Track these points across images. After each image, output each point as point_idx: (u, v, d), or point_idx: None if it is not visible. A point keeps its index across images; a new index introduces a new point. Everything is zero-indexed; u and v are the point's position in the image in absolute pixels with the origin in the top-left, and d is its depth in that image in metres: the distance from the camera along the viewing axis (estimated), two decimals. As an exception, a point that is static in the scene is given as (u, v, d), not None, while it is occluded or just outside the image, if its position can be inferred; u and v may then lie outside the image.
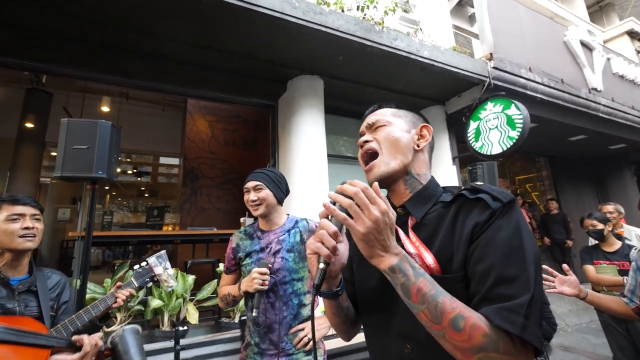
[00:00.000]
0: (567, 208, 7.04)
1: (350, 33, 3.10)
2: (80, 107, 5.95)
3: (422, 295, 0.59)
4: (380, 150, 0.81)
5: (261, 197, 1.56)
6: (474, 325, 0.56)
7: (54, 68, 3.10)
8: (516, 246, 0.62)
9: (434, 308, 0.58)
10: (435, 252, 0.71)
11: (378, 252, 0.61)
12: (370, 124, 0.87)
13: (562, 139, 6.16)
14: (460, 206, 0.73)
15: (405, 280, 0.60)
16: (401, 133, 0.83)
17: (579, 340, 4.23)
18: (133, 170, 10.68)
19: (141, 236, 3.61)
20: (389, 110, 0.88)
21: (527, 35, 5.02)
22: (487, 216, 0.66)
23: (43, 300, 1.39)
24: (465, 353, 0.57)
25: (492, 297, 0.59)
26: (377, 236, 0.60)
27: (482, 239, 0.65)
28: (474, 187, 0.73)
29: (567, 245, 6.33)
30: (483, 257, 0.63)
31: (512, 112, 3.89)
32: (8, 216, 1.34)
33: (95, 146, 2.14)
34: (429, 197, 0.79)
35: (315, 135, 3.56)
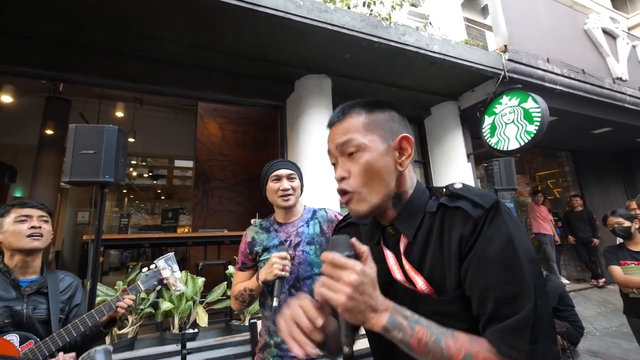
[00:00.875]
0: (593, 205, 6.70)
1: (356, 30, 3.03)
2: (97, 113, 6.11)
3: (424, 345, 0.56)
4: (358, 189, 0.70)
5: (294, 187, 1.50)
6: (485, 359, 0.55)
7: (69, 76, 3.19)
8: (510, 257, 0.58)
9: (440, 354, 0.56)
10: (427, 272, 0.67)
11: (367, 315, 0.57)
12: (340, 147, 0.72)
13: (585, 132, 5.88)
14: (442, 216, 0.68)
15: (402, 335, 0.56)
16: (380, 159, 0.70)
17: (608, 345, 3.97)
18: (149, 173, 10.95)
19: (152, 239, 3.66)
20: (359, 120, 0.72)
21: (545, 25, 4.81)
22: (472, 227, 0.62)
23: (53, 303, 1.40)
24: None
25: (497, 317, 0.57)
26: (361, 299, 0.56)
27: (473, 255, 0.61)
28: (452, 192, 0.67)
29: (593, 244, 6.03)
30: (479, 276, 0.60)
31: (530, 105, 3.72)
32: (16, 217, 1.37)
33: (102, 151, 2.15)
34: (417, 209, 0.72)
35: (323, 135, 3.49)
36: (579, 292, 5.40)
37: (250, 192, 5.66)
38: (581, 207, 6.35)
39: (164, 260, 1.64)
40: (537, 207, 6.23)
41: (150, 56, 3.23)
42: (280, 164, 1.54)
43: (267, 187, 1.52)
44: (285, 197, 1.47)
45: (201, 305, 2.94)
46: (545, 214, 6.15)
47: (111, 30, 2.87)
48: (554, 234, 6.07)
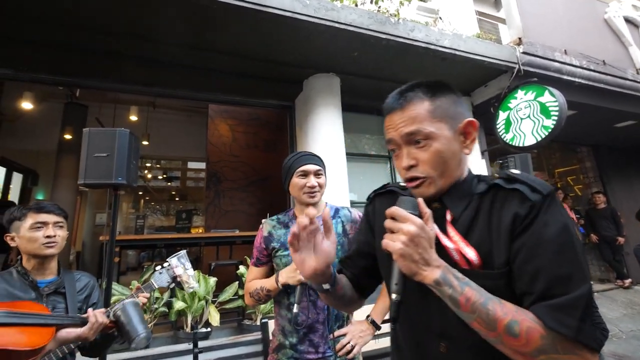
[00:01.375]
0: (616, 201, 6.44)
1: (364, 27, 3.00)
2: (112, 117, 6.28)
3: (471, 304, 0.59)
4: (431, 174, 0.71)
5: (321, 184, 1.44)
6: (529, 328, 0.56)
7: (85, 81, 3.28)
8: (566, 243, 0.60)
9: (486, 316, 0.57)
10: (473, 247, 0.68)
11: (420, 267, 0.61)
12: (408, 135, 0.71)
13: (606, 126, 5.64)
14: (494, 196, 0.69)
15: (452, 291, 0.60)
16: (448, 146, 0.71)
17: (635, 349, 3.79)
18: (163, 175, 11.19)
19: (165, 239, 3.72)
20: (423, 107, 0.71)
21: (562, 15, 4.65)
22: (527, 209, 0.63)
23: (70, 302, 1.45)
24: (527, 357, 0.56)
25: (547, 296, 0.58)
26: (415, 250, 0.60)
27: (528, 237, 0.62)
28: (509, 175, 0.69)
29: (617, 243, 5.78)
30: (532, 257, 0.61)
31: (546, 99, 3.59)
32: (32, 224, 1.40)
33: (115, 153, 2.19)
34: (466, 190, 0.74)
35: (333, 134, 3.49)
36: (602, 293, 5.19)
37: (261, 193, 5.70)
38: (604, 204, 6.10)
39: (176, 258, 1.66)
40: (557, 205, 6.02)
41: (161, 60, 3.28)
42: (307, 158, 1.46)
43: (292, 182, 1.43)
44: (312, 194, 1.41)
45: (213, 305, 2.97)
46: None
47: (124, 36, 2.93)
48: None
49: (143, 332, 1.29)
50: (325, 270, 0.73)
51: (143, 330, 1.29)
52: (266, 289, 1.37)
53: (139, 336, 1.28)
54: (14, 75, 3.03)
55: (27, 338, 1.12)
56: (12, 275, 1.39)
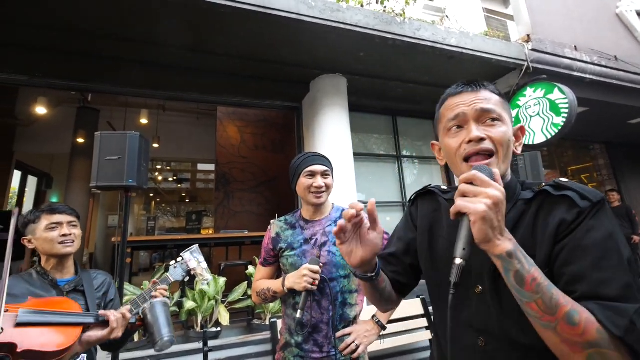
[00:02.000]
0: (631, 199, 6.33)
1: (370, 27, 3.01)
2: (123, 120, 6.40)
3: (537, 284, 0.57)
4: (497, 153, 0.72)
5: (328, 184, 1.44)
6: (588, 320, 0.55)
7: (96, 86, 3.37)
8: (611, 249, 0.59)
9: (549, 299, 0.56)
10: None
11: (496, 234, 0.58)
12: (481, 112, 0.73)
13: (620, 123, 5.54)
14: (542, 203, 0.70)
15: (521, 267, 0.58)
16: (510, 135, 0.75)
17: None
18: (173, 177, 11.32)
19: (175, 240, 3.78)
20: (497, 97, 0.76)
21: (572, 11, 4.58)
22: (575, 215, 0.63)
23: (90, 299, 1.49)
24: (576, 347, 0.55)
25: (589, 297, 0.57)
26: (496, 216, 0.58)
27: (570, 240, 0.63)
28: (558, 183, 0.70)
29: (633, 241, 5.69)
30: (573, 259, 0.61)
31: (556, 96, 3.55)
32: (47, 225, 1.45)
33: (126, 156, 2.24)
34: (511, 194, 0.75)
35: (340, 134, 3.50)
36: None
37: (270, 193, 5.74)
38: (618, 202, 5.99)
39: (189, 253, 1.71)
40: (569, 204, 5.95)
41: (170, 64, 3.34)
42: (314, 158, 1.47)
43: (299, 182, 1.45)
44: (318, 194, 1.42)
45: (223, 305, 3.01)
46: (579, 211, 5.87)
47: (134, 42, 2.99)
48: None
49: (167, 335, 1.29)
50: (372, 259, 0.75)
51: (167, 334, 1.29)
52: (272, 291, 1.40)
53: (162, 339, 1.28)
54: (29, 81, 3.13)
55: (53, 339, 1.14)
56: (31, 276, 1.44)
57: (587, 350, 0.54)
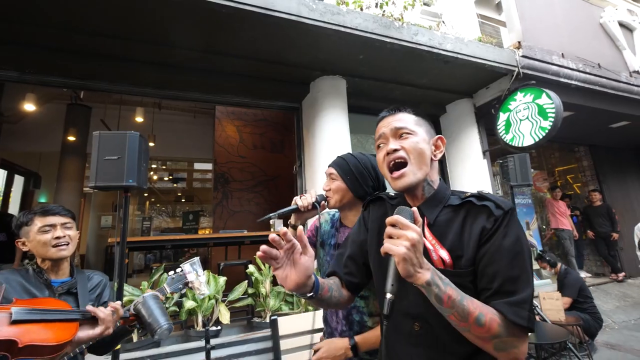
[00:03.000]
0: (612, 199, 6.60)
1: (369, 31, 3.08)
2: (117, 118, 6.30)
3: (452, 301, 0.71)
4: (409, 160, 0.89)
5: (332, 189, 1.35)
6: (492, 319, 0.72)
7: (91, 84, 3.31)
8: (518, 252, 0.77)
9: (462, 310, 0.71)
10: (447, 250, 0.84)
11: (416, 269, 0.70)
12: (395, 130, 0.92)
13: (602, 127, 5.78)
14: (468, 211, 0.85)
15: (438, 290, 0.71)
16: (424, 145, 0.91)
17: (626, 338, 3.99)
18: (169, 176, 11.15)
19: (175, 240, 3.77)
20: (410, 117, 0.94)
21: (560, 19, 4.76)
22: (492, 223, 0.80)
23: (82, 301, 1.47)
24: (485, 341, 0.73)
25: (501, 292, 0.75)
26: (414, 255, 0.70)
27: (490, 245, 0.79)
28: (481, 194, 0.86)
29: (612, 239, 5.98)
30: (492, 261, 0.77)
31: (544, 101, 3.70)
32: (40, 228, 1.42)
33: (125, 156, 2.22)
34: (440, 200, 0.91)
35: (339, 135, 3.56)
36: (598, 287, 5.38)
37: (268, 193, 5.76)
38: (600, 201, 6.28)
39: (189, 265, 1.70)
40: (555, 203, 6.18)
41: (168, 62, 3.32)
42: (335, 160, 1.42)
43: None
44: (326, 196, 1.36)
45: (223, 304, 3.02)
46: (563, 209, 6.11)
47: (129, 38, 2.96)
48: (573, 229, 6.04)
49: (165, 323, 1.32)
50: (307, 282, 0.81)
51: (165, 322, 1.32)
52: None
53: (162, 327, 1.31)
54: (19, 77, 3.04)
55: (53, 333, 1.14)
56: (28, 273, 1.43)
57: (493, 340, 0.72)
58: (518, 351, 0.73)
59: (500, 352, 0.73)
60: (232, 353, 2.81)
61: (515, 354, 0.73)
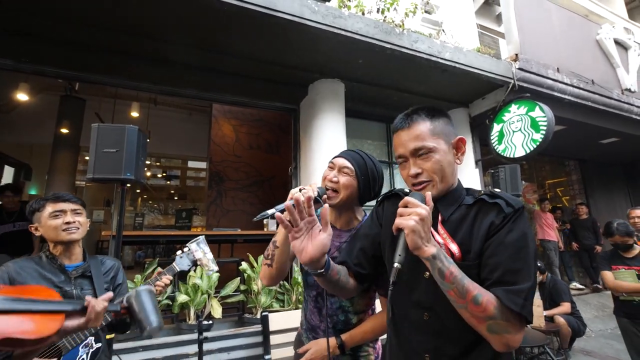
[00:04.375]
0: (598, 213, 6.75)
1: (369, 36, 3.13)
2: (112, 112, 6.26)
3: (453, 277, 0.77)
4: (432, 180, 0.91)
5: (342, 182, 1.24)
6: (489, 300, 0.76)
7: (86, 76, 3.28)
8: (522, 246, 0.80)
9: (461, 287, 0.76)
10: (457, 244, 0.88)
11: (424, 242, 0.77)
12: (414, 150, 0.91)
13: (593, 142, 5.92)
14: (480, 208, 0.89)
15: (442, 265, 0.77)
16: (445, 157, 0.91)
17: (602, 346, 4.17)
18: (162, 174, 11.09)
19: (169, 236, 3.76)
20: (425, 126, 0.91)
21: (557, 34, 4.86)
22: (501, 219, 0.84)
23: (97, 284, 1.53)
24: (480, 320, 0.76)
25: (501, 281, 0.79)
26: (423, 228, 0.77)
27: (495, 238, 0.83)
28: (493, 193, 0.90)
29: (595, 251, 6.13)
30: (496, 253, 0.81)
31: (537, 114, 3.80)
32: (51, 213, 1.48)
33: (124, 149, 2.24)
34: (456, 198, 0.94)
35: (336, 139, 3.60)
36: (579, 297, 5.53)
37: (263, 193, 5.77)
38: (586, 215, 6.44)
39: (196, 244, 1.76)
40: (543, 215, 6.30)
41: (166, 58, 3.32)
42: (345, 152, 1.32)
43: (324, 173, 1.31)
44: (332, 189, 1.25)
45: (215, 299, 3.04)
46: (550, 221, 6.24)
47: (127, 32, 2.97)
48: (559, 241, 6.18)
49: (155, 321, 1.28)
50: (321, 258, 0.85)
51: (156, 320, 1.29)
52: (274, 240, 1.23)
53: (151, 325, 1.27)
54: (13, 66, 3.01)
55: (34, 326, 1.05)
56: (41, 259, 1.48)
57: (487, 321, 0.76)
58: (511, 337, 0.76)
59: (493, 334, 0.76)
60: (223, 346, 2.85)
61: (507, 340, 0.76)
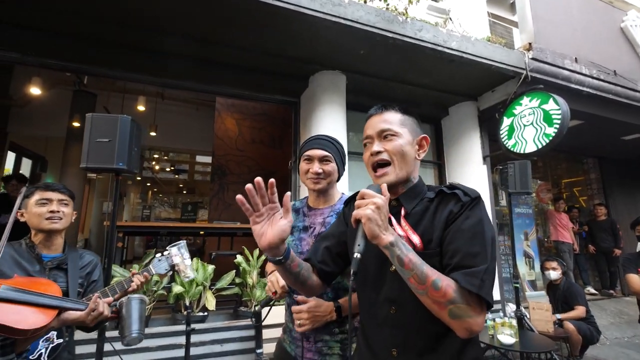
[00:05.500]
0: (617, 214, 6.41)
1: (370, 25, 3.02)
2: (120, 107, 6.36)
3: (412, 264, 0.78)
4: (392, 161, 0.95)
5: (328, 171, 1.36)
6: (448, 285, 0.77)
7: (92, 69, 3.33)
8: (478, 231, 0.83)
9: (420, 273, 0.77)
10: (419, 235, 0.90)
11: (381, 231, 0.79)
12: (380, 132, 0.97)
13: (613, 138, 5.60)
14: (440, 200, 0.93)
15: (400, 253, 0.79)
16: (407, 146, 0.96)
17: (617, 355, 3.91)
18: (171, 167, 11.28)
19: (167, 227, 3.79)
20: (396, 116, 0.99)
21: (576, 22, 4.57)
22: (459, 207, 0.87)
23: (71, 278, 1.52)
24: (441, 305, 0.77)
25: (460, 266, 0.80)
26: (379, 217, 0.79)
27: (454, 226, 0.85)
28: (451, 184, 0.95)
29: (614, 254, 5.79)
30: (454, 239, 0.84)
31: (550, 106, 3.58)
32: (37, 200, 1.49)
33: (116, 139, 2.23)
34: (418, 193, 0.98)
35: (336, 132, 3.50)
36: (594, 302, 5.25)
37: (265, 188, 5.73)
38: (604, 216, 6.11)
39: (176, 248, 1.73)
40: (557, 215, 6.03)
41: (166, 50, 3.31)
42: (314, 142, 1.39)
43: (300, 167, 1.41)
44: (315, 180, 1.35)
45: (210, 291, 3.04)
46: (565, 221, 5.96)
47: (131, 25, 2.97)
48: (574, 242, 5.89)
49: (136, 332, 1.36)
50: (280, 244, 0.87)
51: (136, 330, 1.37)
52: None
53: (131, 334, 1.35)
54: (21, 59, 3.06)
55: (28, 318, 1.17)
56: (21, 246, 1.48)
57: (448, 306, 0.76)
58: (472, 321, 0.76)
59: (456, 319, 0.77)
60: (216, 338, 2.87)
61: (469, 324, 0.76)
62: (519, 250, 4.89)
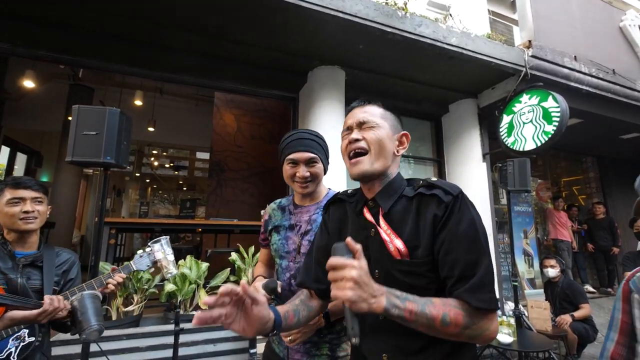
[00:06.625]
0: (616, 213, 6.42)
1: (369, 19, 2.97)
2: (118, 101, 6.30)
3: (414, 314, 0.72)
4: (369, 151, 0.91)
5: (314, 173, 1.29)
6: (456, 314, 0.73)
7: (86, 61, 3.23)
8: (473, 236, 0.79)
9: (426, 320, 0.72)
10: (403, 241, 0.85)
11: (370, 301, 0.69)
12: (360, 122, 0.94)
13: (612, 137, 5.59)
14: (419, 202, 0.87)
15: (398, 311, 0.71)
16: (387, 138, 0.93)
17: None
18: (170, 164, 11.22)
19: (162, 224, 3.74)
20: (378, 110, 0.96)
21: (576, 20, 4.56)
22: (444, 209, 0.82)
23: (47, 275, 1.47)
24: (457, 335, 0.74)
25: (463, 277, 0.76)
26: (362, 290, 0.68)
27: (446, 233, 0.80)
28: (429, 183, 0.88)
29: (612, 253, 5.82)
30: (451, 250, 0.79)
31: (549, 104, 3.55)
32: (9, 200, 1.41)
33: (104, 132, 2.15)
34: (395, 190, 0.93)
35: (335, 129, 3.45)
36: (592, 301, 5.22)
37: (263, 184, 5.69)
38: (603, 214, 6.12)
39: (159, 244, 1.68)
40: (556, 213, 6.02)
41: (165, 44, 3.26)
42: (298, 143, 1.30)
43: (283, 169, 1.34)
44: (303, 185, 1.30)
45: (204, 289, 2.99)
46: (564, 220, 5.96)
47: (128, 17, 2.91)
48: (572, 241, 5.90)
49: (95, 324, 1.31)
50: (264, 328, 0.79)
51: (95, 323, 1.32)
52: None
53: (91, 327, 1.30)
54: (11, 50, 2.97)
55: None
56: None
57: (464, 332, 0.74)
58: (489, 332, 0.76)
59: (474, 339, 0.76)
60: (209, 338, 2.81)
61: (487, 336, 0.76)
62: (518, 248, 4.88)
